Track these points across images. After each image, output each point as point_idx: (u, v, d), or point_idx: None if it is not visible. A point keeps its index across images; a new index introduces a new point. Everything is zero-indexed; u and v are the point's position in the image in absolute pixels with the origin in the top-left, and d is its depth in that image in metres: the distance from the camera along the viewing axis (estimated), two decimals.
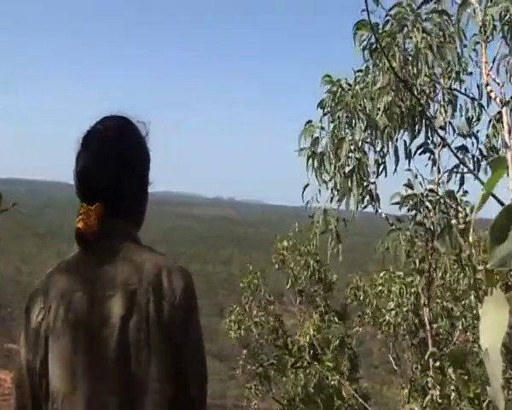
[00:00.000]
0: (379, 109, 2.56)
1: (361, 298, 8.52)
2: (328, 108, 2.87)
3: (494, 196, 2.21)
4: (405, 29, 2.47)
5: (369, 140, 2.83)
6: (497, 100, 2.50)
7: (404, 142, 2.87)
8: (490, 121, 2.60)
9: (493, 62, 2.47)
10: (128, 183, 1.41)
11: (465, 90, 2.77)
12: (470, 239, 2.58)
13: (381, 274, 6.84)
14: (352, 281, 9.15)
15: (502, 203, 2.39)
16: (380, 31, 2.52)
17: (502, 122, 2.49)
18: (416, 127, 2.73)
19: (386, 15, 2.50)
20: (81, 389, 1.25)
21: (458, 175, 2.88)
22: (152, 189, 1.51)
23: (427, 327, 3.47)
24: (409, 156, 2.84)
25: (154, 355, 1.25)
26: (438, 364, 2.74)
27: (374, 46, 2.55)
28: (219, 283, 41.28)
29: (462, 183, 2.84)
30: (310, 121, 3.03)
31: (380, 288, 6.98)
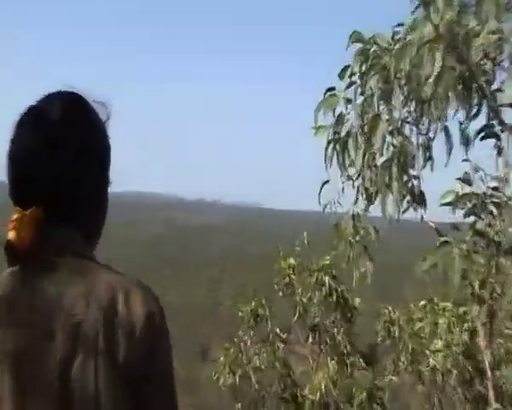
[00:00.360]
0: (428, 76, 2.50)
1: (395, 335, 8.48)
2: (357, 77, 2.81)
3: None
4: None
5: (410, 119, 2.79)
6: None
7: (460, 123, 2.83)
8: None
9: None
10: (78, 180, 1.41)
11: None
12: None
13: (422, 303, 6.76)
14: (382, 312, 9.07)
15: None
16: None
17: None
18: (474, 103, 2.69)
19: None
20: None
21: None
22: (113, 188, 1.52)
23: (488, 375, 3.45)
24: (466, 142, 2.80)
25: (104, 403, 1.26)
26: None
27: None
28: (203, 314, 41.11)
29: None
30: (332, 89, 2.98)
31: (419, 324, 6.90)
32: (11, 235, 1.33)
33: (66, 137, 1.41)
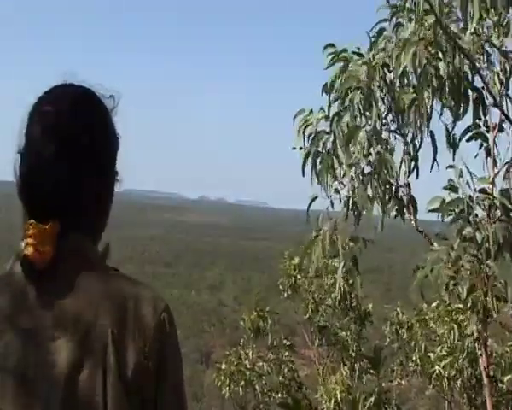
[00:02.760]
0: (404, 68, 2.49)
1: (404, 337, 8.46)
2: (336, 91, 2.80)
3: None
4: None
5: (394, 128, 2.79)
6: None
7: (446, 127, 2.81)
8: None
9: None
10: (93, 186, 1.40)
11: None
12: None
13: (434, 305, 6.73)
14: (391, 314, 9.04)
15: None
16: None
17: None
18: (462, 103, 2.68)
19: None
20: None
21: None
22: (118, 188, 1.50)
23: (485, 381, 3.48)
24: (452, 145, 2.80)
25: None
26: None
27: None
28: (206, 316, 41.01)
29: None
30: (303, 110, 2.99)
31: (432, 324, 6.88)
32: (28, 250, 1.31)
33: (80, 146, 1.38)
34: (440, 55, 2.57)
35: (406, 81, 2.65)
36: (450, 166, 2.74)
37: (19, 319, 1.31)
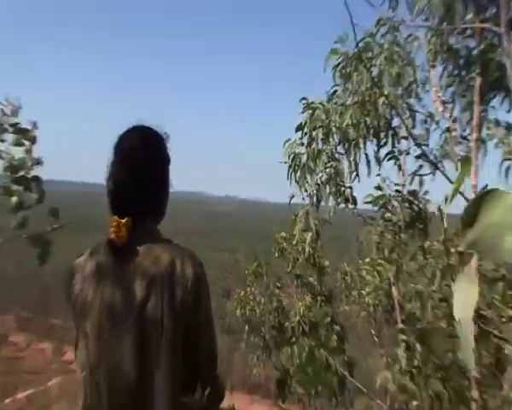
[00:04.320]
0: (347, 124, 2.59)
1: (349, 281, 8.49)
2: (307, 129, 2.88)
3: (461, 193, 2.24)
4: (370, 53, 2.54)
5: (341, 151, 2.88)
6: (445, 114, 2.60)
7: (374, 151, 2.91)
8: (442, 133, 2.70)
9: (441, 82, 2.58)
10: (154, 194, 1.40)
11: (423, 106, 2.87)
12: (445, 225, 2.61)
13: (367, 260, 6.77)
14: (341, 267, 9.12)
15: (467, 199, 2.42)
16: (349, 56, 2.58)
17: (449, 132, 2.60)
18: (382, 137, 2.78)
19: (357, 45, 2.56)
20: (105, 360, 1.27)
21: (419, 177, 2.96)
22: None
23: (397, 307, 3.52)
24: (378, 163, 2.89)
25: (166, 331, 1.26)
26: (405, 338, 2.79)
27: (344, 70, 2.60)
28: (228, 268, 41.03)
29: (421, 184, 2.94)
30: (289, 140, 3.06)
31: (364, 273, 6.94)
32: (112, 235, 1.32)
33: (150, 170, 1.38)
34: (369, 110, 2.68)
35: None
36: (378, 175, 2.83)
37: (112, 271, 1.33)
